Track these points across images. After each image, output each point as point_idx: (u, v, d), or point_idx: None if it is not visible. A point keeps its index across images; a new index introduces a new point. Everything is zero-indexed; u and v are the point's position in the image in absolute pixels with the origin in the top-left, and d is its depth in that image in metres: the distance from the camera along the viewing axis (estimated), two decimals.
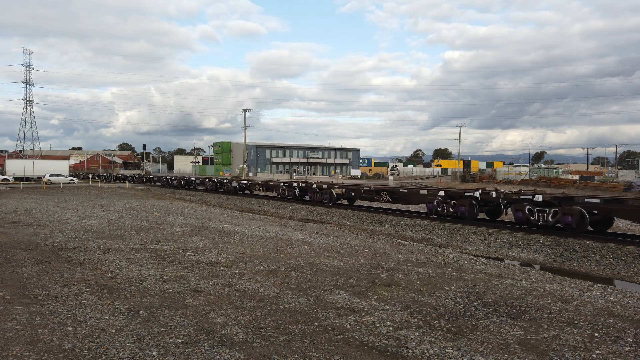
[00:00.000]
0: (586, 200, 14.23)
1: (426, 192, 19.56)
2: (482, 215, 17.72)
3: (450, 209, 17.74)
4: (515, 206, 15.73)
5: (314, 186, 26.49)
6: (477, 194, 17.22)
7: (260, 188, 32.13)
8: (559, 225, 14.44)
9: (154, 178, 56.57)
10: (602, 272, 11.39)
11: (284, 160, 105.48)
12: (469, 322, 5.57)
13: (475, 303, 6.42)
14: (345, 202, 25.01)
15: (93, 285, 7.08)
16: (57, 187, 44.59)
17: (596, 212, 14.08)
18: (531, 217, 15.05)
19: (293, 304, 6.26)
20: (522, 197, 15.64)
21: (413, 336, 5.07)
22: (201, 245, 11.20)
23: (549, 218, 14.53)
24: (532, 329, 5.35)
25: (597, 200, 14.12)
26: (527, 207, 15.26)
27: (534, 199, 15.15)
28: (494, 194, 16.77)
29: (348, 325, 5.38)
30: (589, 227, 14.33)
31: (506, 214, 16.94)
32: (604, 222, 14.86)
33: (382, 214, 20.77)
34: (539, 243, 13.91)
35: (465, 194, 17.71)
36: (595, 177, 63.52)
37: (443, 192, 18.52)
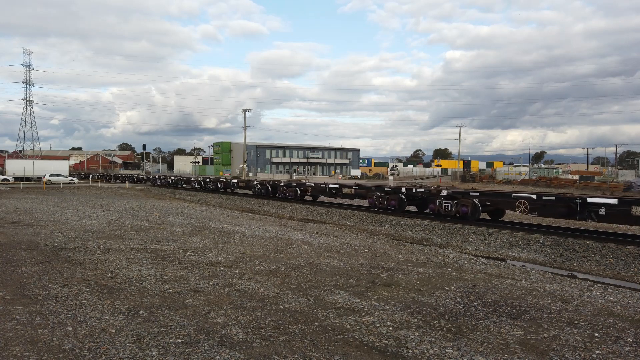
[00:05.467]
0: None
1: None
2: (412, 208, 21.18)
3: (385, 203, 21.05)
4: (429, 199, 19.10)
5: (282, 184, 30.14)
6: (403, 189, 20.86)
7: (239, 186, 35.01)
8: (458, 214, 17.50)
9: (144, 177, 59.15)
10: (603, 272, 11.39)
11: (284, 160, 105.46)
12: (469, 322, 5.57)
13: (475, 303, 6.42)
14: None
15: (93, 286, 7.08)
16: (57, 187, 44.60)
17: (489, 203, 17.31)
18: (440, 209, 18.26)
19: (293, 304, 6.26)
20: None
21: (413, 336, 5.06)
22: (201, 245, 11.20)
23: (452, 209, 17.67)
24: (532, 329, 5.35)
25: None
26: (437, 200, 18.44)
27: (441, 194, 18.63)
28: (414, 190, 20.48)
29: (348, 325, 5.38)
30: (487, 217, 18.01)
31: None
32: (496, 212, 18.03)
33: (382, 214, 20.78)
34: (539, 243, 13.92)
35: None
36: (595, 177, 63.52)
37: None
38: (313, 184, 26.90)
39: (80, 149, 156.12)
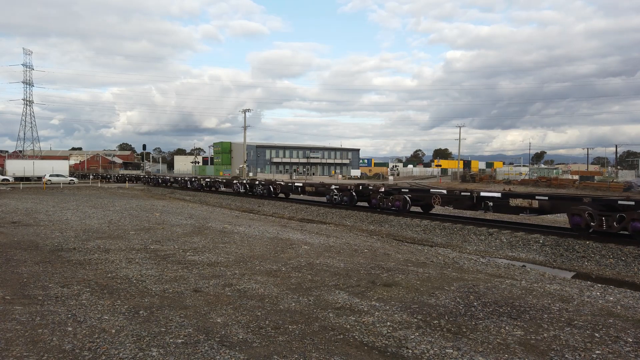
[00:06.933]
0: (402, 190, 21.21)
1: (326, 187, 26.47)
2: (363, 203, 23.77)
3: (339, 199, 23.80)
4: (372, 196, 22.11)
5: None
6: (351, 187, 23.52)
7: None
8: (393, 208, 20.57)
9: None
10: (603, 272, 11.39)
11: (284, 160, 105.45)
12: (469, 322, 5.57)
13: (475, 303, 6.42)
14: (282, 195, 31.67)
15: (93, 286, 7.08)
16: (57, 187, 44.62)
17: (417, 199, 20.23)
18: (380, 204, 21.18)
19: (293, 304, 6.26)
20: (374, 189, 22.64)
21: (413, 336, 5.07)
22: (201, 245, 11.20)
23: (388, 204, 20.65)
24: (532, 329, 5.35)
25: (409, 190, 20.91)
26: (378, 196, 21.49)
27: (380, 190, 21.70)
28: (364, 187, 23.14)
29: (348, 326, 5.38)
30: (418, 209, 20.87)
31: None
32: (425, 206, 20.94)
33: (382, 214, 20.78)
34: (539, 243, 13.91)
35: (348, 188, 24.24)
36: (596, 177, 63.51)
37: (334, 186, 25.62)
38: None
39: (80, 149, 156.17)
